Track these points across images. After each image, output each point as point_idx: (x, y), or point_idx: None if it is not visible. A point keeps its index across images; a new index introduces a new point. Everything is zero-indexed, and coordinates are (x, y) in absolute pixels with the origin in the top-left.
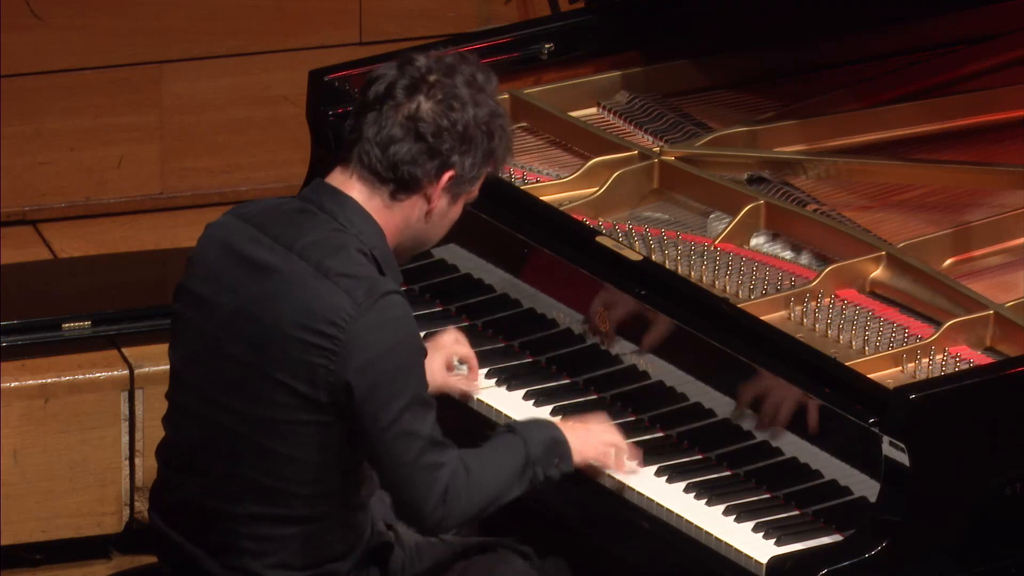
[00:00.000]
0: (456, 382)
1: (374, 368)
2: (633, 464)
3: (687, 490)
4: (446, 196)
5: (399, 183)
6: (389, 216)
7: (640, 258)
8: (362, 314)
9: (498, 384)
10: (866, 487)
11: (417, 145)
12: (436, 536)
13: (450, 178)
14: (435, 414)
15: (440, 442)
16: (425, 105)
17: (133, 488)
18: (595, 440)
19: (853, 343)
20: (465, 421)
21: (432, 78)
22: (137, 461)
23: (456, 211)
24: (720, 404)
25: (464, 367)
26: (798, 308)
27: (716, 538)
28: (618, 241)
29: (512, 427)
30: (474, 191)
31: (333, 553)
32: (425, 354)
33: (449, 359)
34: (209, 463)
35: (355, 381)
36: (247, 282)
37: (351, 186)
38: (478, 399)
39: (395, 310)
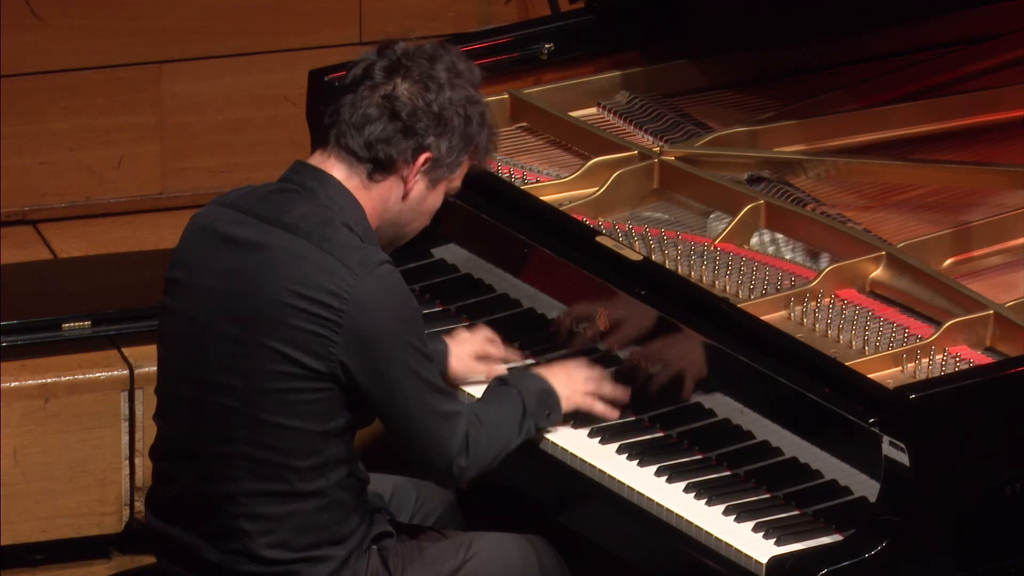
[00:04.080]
0: (483, 368)
1: (380, 335)
2: (620, 406)
3: (687, 490)
4: (423, 180)
5: (375, 163)
6: (367, 197)
7: (640, 258)
8: (361, 283)
9: None
10: (866, 487)
11: (392, 124)
12: (452, 487)
13: (426, 160)
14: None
15: (449, 391)
16: (402, 86)
17: (133, 488)
18: (580, 388)
19: (853, 343)
20: None
21: (410, 61)
22: (137, 461)
23: (435, 199)
24: (720, 404)
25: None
26: (798, 308)
27: (716, 538)
28: (618, 241)
29: (505, 380)
30: (455, 180)
31: (331, 536)
32: (421, 312)
33: (479, 353)
34: (203, 445)
35: (361, 350)
36: (233, 260)
37: (330, 166)
38: None
39: (391, 276)
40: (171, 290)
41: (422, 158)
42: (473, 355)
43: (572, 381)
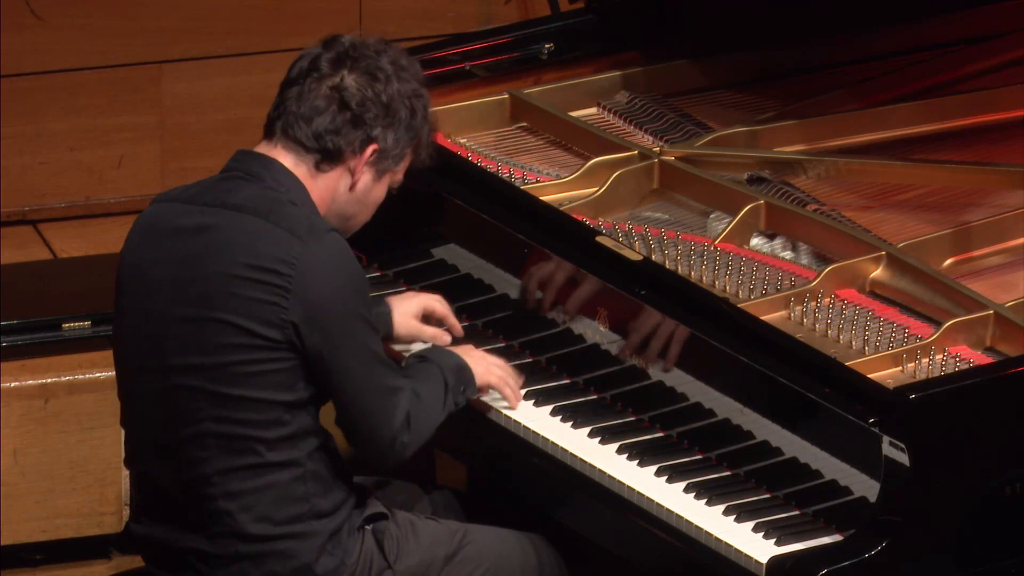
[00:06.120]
0: (429, 330)
1: (329, 302)
2: (520, 392)
3: (687, 490)
4: (370, 171)
5: (323, 153)
6: (314, 186)
7: (640, 258)
8: (310, 250)
9: None
10: (866, 487)
11: (342, 115)
12: (393, 465)
13: (374, 151)
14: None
15: (393, 365)
16: (349, 77)
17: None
18: (490, 366)
19: (853, 343)
20: (465, 423)
21: (356, 53)
22: None
23: (380, 191)
24: (720, 404)
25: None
26: (798, 308)
27: (716, 538)
28: (618, 241)
29: (424, 356)
30: (398, 173)
31: (314, 509)
32: (368, 281)
33: (424, 311)
34: (172, 432)
35: (311, 316)
36: (183, 247)
37: (276, 154)
38: (479, 399)
39: (339, 244)
40: (123, 290)
41: (370, 149)
42: (416, 314)
43: (484, 359)
